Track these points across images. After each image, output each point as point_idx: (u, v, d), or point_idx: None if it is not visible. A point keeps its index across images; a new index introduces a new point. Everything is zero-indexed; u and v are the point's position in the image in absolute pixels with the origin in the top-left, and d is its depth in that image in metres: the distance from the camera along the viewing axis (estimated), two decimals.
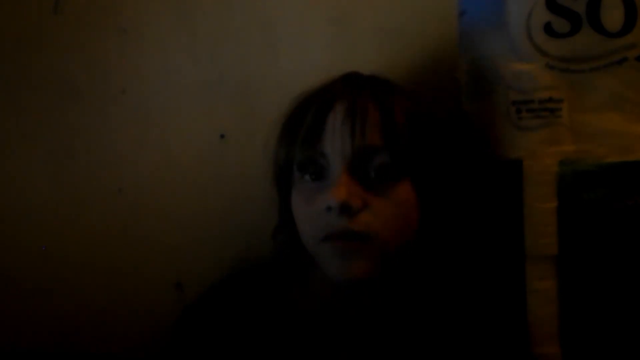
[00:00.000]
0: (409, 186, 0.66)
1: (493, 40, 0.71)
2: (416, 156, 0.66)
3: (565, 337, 0.69)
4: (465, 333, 0.68)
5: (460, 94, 0.77)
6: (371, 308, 0.69)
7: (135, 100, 0.87)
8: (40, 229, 0.87)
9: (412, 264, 0.70)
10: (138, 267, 0.88)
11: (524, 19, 0.68)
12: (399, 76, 0.82)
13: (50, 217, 0.87)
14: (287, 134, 0.69)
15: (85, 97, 0.87)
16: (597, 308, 0.68)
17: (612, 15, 0.66)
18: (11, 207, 0.87)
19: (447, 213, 0.69)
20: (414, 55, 0.86)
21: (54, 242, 0.87)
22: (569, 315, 0.69)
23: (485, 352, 0.68)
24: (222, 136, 0.87)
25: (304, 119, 0.67)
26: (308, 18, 0.88)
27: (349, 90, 0.67)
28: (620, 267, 0.68)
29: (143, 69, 0.87)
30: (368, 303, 0.69)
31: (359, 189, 0.64)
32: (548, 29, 0.67)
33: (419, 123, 0.67)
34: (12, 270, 0.87)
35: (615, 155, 0.67)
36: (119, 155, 0.87)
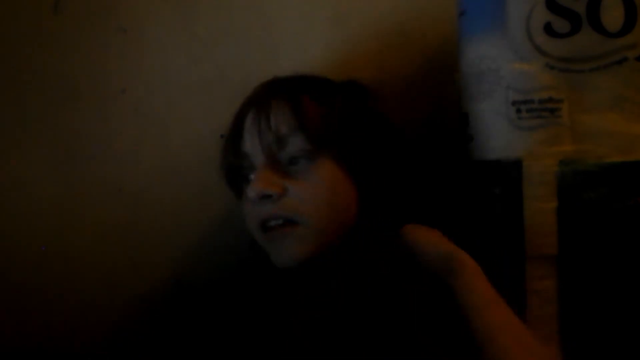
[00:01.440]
0: (333, 165, 0.69)
1: (493, 40, 0.71)
2: (332, 136, 0.69)
3: (565, 337, 0.69)
4: (463, 333, 0.68)
5: (460, 94, 0.77)
6: (328, 288, 0.69)
7: (135, 100, 0.88)
8: (40, 229, 0.87)
9: (358, 239, 0.70)
10: (138, 266, 0.88)
11: (524, 19, 0.68)
12: (399, 77, 0.82)
13: (51, 217, 0.87)
14: (224, 145, 0.76)
15: (85, 97, 0.87)
16: (597, 308, 0.68)
17: (612, 15, 0.66)
18: (11, 207, 0.87)
19: (387, 192, 0.72)
20: (414, 56, 0.86)
21: (54, 242, 0.87)
22: (569, 315, 0.69)
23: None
24: (222, 136, 0.87)
25: (230, 130, 0.74)
26: (308, 18, 0.88)
27: (261, 93, 0.73)
28: (620, 267, 0.68)
29: (143, 69, 0.88)
30: (323, 283, 0.68)
31: (276, 178, 0.69)
32: (548, 29, 0.67)
33: (336, 109, 0.71)
34: (12, 270, 0.87)
35: (615, 155, 0.67)
36: (119, 155, 0.87)
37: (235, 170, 0.75)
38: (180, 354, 0.79)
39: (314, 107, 0.70)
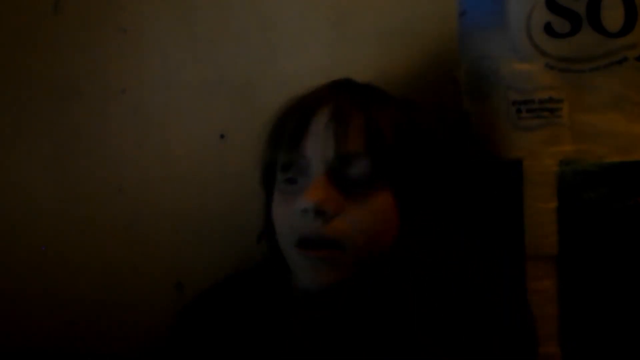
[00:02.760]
0: (389, 196, 0.65)
1: (493, 40, 0.71)
2: (398, 166, 0.65)
3: (565, 337, 0.69)
4: (463, 334, 0.68)
5: (460, 94, 0.77)
6: (348, 312, 0.68)
7: (135, 100, 0.88)
8: (41, 229, 0.87)
9: (392, 268, 0.69)
10: (138, 266, 0.88)
11: (524, 19, 0.68)
12: (399, 77, 0.82)
13: (51, 216, 0.87)
14: (273, 137, 0.69)
15: (85, 97, 0.87)
16: (597, 308, 0.68)
17: (612, 15, 0.66)
18: (11, 207, 0.87)
19: (427, 222, 0.68)
20: (414, 56, 0.86)
21: (54, 242, 0.87)
22: (569, 315, 0.69)
23: (485, 351, 0.67)
24: (222, 136, 0.87)
25: (289, 122, 0.67)
26: (308, 18, 0.88)
27: (335, 95, 0.67)
28: (620, 267, 0.68)
29: (143, 69, 0.88)
30: (344, 307, 0.68)
31: (335, 194, 0.63)
32: (548, 29, 0.67)
33: (406, 133, 0.66)
34: (12, 270, 0.87)
35: (615, 155, 0.67)
36: (119, 155, 0.87)
37: (275, 167, 0.68)
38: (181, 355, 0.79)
39: (389, 129, 0.65)
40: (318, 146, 0.64)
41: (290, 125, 0.67)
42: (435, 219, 0.69)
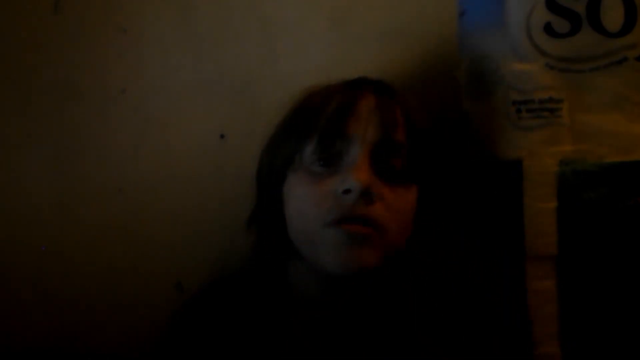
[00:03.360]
0: (415, 193, 0.66)
1: (493, 40, 0.71)
2: (428, 163, 0.66)
3: (565, 337, 0.69)
4: (462, 333, 0.68)
5: (460, 94, 0.77)
6: (358, 304, 0.69)
7: (135, 100, 0.87)
8: (40, 229, 0.87)
9: (404, 262, 0.69)
10: (138, 267, 0.88)
11: (524, 19, 0.68)
12: (400, 76, 0.82)
13: (51, 217, 0.87)
14: (302, 121, 0.67)
15: (85, 97, 0.87)
16: (597, 308, 0.68)
17: (612, 15, 0.66)
18: (11, 207, 0.87)
19: (441, 216, 0.69)
20: (414, 56, 0.86)
21: (54, 242, 0.87)
22: (569, 315, 0.69)
23: (485, 351, 0.67)
24: (222, 136, 0.87)
25: (327, 106, 0.66)
26: (308, 18, 0.88)
27: (376, 87, 0.68)
28: (620, 267, 0.68)
29: (143, 69, 0.88)
30: (355, 298, 0.68)
31: (376, 179, 0.63)
32: (548, 29, 0.67)
33: (431, 135, 0.68)
34: (12, 270, 0.87)
35: (615, 155, 0.67)
36: (119, 155, 0.87)
37: (294, 153, 0.66)
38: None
39: (422, 130, 0.67)
40: (365, 128, 0.63)
41: (331, 108, 0.65)
42: (438, 218, 0.70)
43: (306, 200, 0.64)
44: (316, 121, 0.65)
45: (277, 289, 0.72)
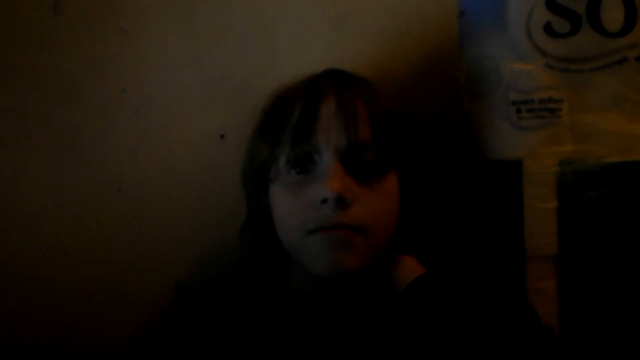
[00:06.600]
0: (394, 179, 0.67)
1: (493, 40, 0.71)
2: (401, 150, 0.67)
3: (565, 337, 0.69)
4: (464, 333, 0.68)
5: (460, 94, 0.77)
6: (353, 303, 0.69)
7: (135, 100, 0.87)
8: (40, 229, 0.87)
9: (392, 255, 0.70)
10: (138, 267, 0.88)
11: (524, 19, 0.68)
12: (399, 76, 0.82)
13: (51, 217, 0.87)
14: (271, 129, 0.69)
15: (85, 97, 0.87)
16: (597, 308, 0.68)
17: (612, 15, 0.66)
18: (11, 207, 0.87)
19: (426, 204, 0.71)
20: (414, 56, 0.86)
21: (54, 242, 0.87)
22: (569, 315, 0.69)
23: (484, 350, 0.67)
24: (222, 136, 0.87)
25: (291, 113, 0.67)
26: (308, 18, 0.88)
27: (337, 85, 0.68)
28: (620, 267, 0.68)
29: (143, 69, 0.87)
30: (349, 298, 0.69)
31: (350, 182, 0.64)
32: (548, 29, 0.67)
33: (398, 119, 0.69)
34: (12, 270, 0.87)
35: (615, 155, 0.67)
36: (119, 155, 0.87)
37: (270, 162, 0.68)
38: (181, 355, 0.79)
39: (385, 116, 0.67)
40: (329, 136, 0.65)
41: (294, 116, 0.67)
42: (437, 218, 0.70)
43: (286, 211, 0.67)
44: (282, 132, 0.67)
45: (276, 289, 0.72)
